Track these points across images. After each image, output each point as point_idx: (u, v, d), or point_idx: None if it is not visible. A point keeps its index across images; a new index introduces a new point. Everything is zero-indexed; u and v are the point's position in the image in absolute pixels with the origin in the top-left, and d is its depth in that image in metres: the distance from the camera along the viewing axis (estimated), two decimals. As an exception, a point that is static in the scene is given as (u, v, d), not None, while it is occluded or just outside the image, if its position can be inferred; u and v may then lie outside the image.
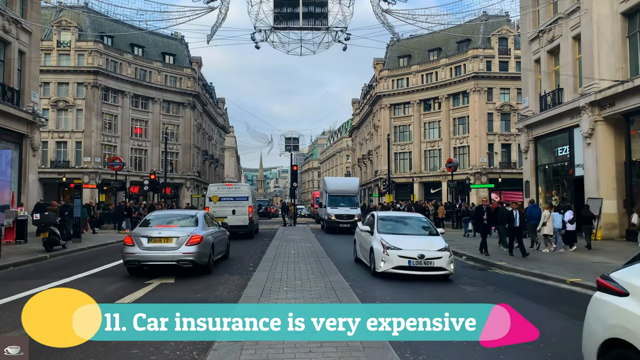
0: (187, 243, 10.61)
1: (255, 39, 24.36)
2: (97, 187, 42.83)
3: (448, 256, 10.51)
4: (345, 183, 31.84)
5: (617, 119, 18.76)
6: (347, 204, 26.82)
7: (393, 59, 57.80)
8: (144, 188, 38.38)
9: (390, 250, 10.49)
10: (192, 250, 10.59)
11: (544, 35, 23.37)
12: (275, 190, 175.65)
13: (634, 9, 18.01)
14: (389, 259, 10.41)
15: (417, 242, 10.94)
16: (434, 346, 5.62)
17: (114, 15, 36.18)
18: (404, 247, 10.51)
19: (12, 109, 20.95)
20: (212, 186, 26.00)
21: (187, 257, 10.55)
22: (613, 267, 11.44)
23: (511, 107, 46.26)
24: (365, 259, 11.92)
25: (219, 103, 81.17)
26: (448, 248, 10.78)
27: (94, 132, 46.96)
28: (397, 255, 10.35)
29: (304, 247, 16.03)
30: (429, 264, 10.29)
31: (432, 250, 10.47)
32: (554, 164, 24.43)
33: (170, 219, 12.27)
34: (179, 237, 10.65)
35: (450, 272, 10.46)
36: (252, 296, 7.65)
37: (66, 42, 47.00)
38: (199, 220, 11.78)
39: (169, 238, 10.65)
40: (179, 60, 57.51)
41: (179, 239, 10.62)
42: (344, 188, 28.89)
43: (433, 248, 10.57)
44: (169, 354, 5.37)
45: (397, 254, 10.38)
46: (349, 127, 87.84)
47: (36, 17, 23.71)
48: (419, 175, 53.07)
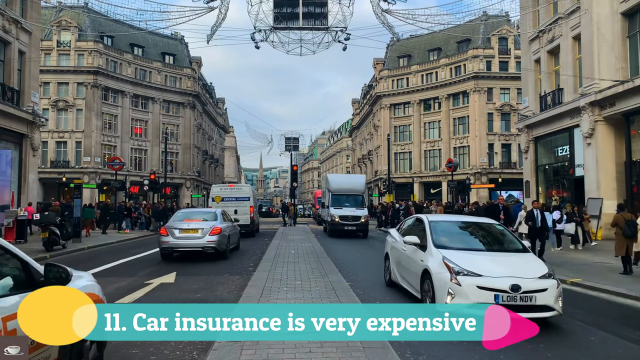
0: (210, 233, 13.36)
1: (255, 39, 24.37)
2: (97, 187, 42.79)
3: (555, 287, 6.74)
4: (350, 181, 28.82)
5: (617, 119, 18.76)
6: (352, 204, 24.21)
7: (393, 59, 57.79)
8: (144, 188, 38.41)
9: (463, 277, 6.68)
10: (214, 239, 13.35)
11: (544, 35, 23.37)
12: (275, 190, 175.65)
13: (634, 9, 18.00)
14: (462, 291, 6.57)
15: (503, 263, 7.14)
16: (434, 346, 5.63)
17: (114, 15, 36.25)
18: (485, 273, 6.70)
19: (12, 109, 20.95)
20: (215, 187, 26.40)
21: (210, 244, 13.31)
22: (613, 266, 11.43)
23: (511, 107, 46.26)
24: (412, 285, 8.12)
25: (219, 103, 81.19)
26: (553, 274, 7.00)
27: (94, 132, 46.96)
28: (476, 286, 6.55)
29: (304, 247, 16.03)
30: (527, 300, 6.50)
31: (529, 278, 6.68)
32: (554, 164, 24.44)
33: (195, 215, 15.21)
34: (204, 229, 13.45)
35: (559, 312, 6.69)
36: (252, 296, 7.65)
37: (66, 42, 47.00)
38: (218, 216, 14.69)
39: (196, 229, 13.49)
40: (179, 60, 57.51)
41: (203, 230, 13.42)
42: (349, 186, 26.04)
43: (530, 274, 6.79)
44: (168, 354, 5.37)
45: (476, 283, 6.58)
46: (349, 127, 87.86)
47: (36, 17, 23.71)
48: (419, 175, 53.07)
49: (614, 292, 9.22)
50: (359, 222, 23.05)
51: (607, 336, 6.57)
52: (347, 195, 24.94)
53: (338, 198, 24.58)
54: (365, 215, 23.80)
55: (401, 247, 8.76)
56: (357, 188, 26.20)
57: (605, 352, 5.98)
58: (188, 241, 13.23)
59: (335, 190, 25.24)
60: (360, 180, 28.57)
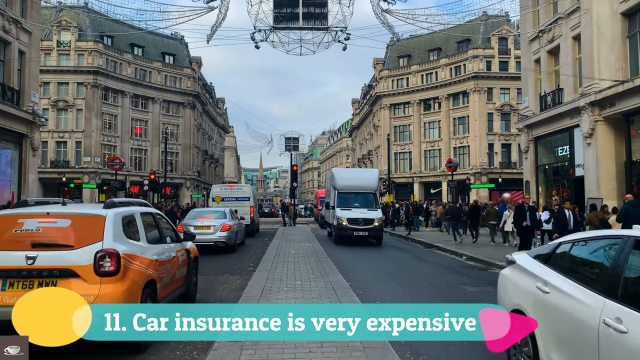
0: (220, 229, 15.39)
1: (255, 38, 24.35)
2: (97, 187, 42.79)
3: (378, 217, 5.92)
4: (360, 176, 24.11)
5: (617, 119, 18.74)
6: (362, 204, 20.20)
7: (393, 59, 57.79)
8: (143, 188, 38.41)
9: None
10: (225, 235, 15.41)
11: (544, 35, 23.36)
12: (275, 190, 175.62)
13: (634, 9, 17.99)
14: None
15: None
16: (434, 346, 5.62)
17: (114, 15, 36.15)
18: None
19: (12, 109, 20.93)
20: (215, 187, 26.46)
21: (221, 239, 15.33)
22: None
23: (511, 107, 46.25)
24: None
25: (219, 103, 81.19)
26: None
27: (94, 132, 46.95)
28: None
29: (304, 247, 16.04)
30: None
31: None
32: (554, 164, 24.42)
33: (207, 214, 17.04)
34: (215, 225, 15.50)
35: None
36: (252, 296, 7.64)
37: (66, 42, 47.00)
38: (227, 214, 16.58)
39: (208, 226, 15.45)
40: (178, 60, 57.51)
41: (215, 227, 15.43)
42: (358, 183, 21.56)
43: None
44: (168, 354, 5.37)
45: None
46: (348, 127, 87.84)
47: (36, 17, 23.70)
48: (419, 175, 53.06)
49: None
50: (372, 226, 19.25)
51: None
52: (357, 193, 20.86)
53: (346, 197, 20.57)
54: (379, 218, 19.97)
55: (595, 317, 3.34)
56: (369, 185, 21.60)
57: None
58: (201, 236, 14.17)
59: (342, 187, 20.97)
60: (373, 175, 22.96)
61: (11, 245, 5.07)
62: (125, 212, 5.87)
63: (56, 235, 5.17)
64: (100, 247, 5.05)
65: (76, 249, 5.04)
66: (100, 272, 4.95)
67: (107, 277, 4.97)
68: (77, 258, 4.97)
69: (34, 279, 4.86)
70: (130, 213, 6.02)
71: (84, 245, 5.06)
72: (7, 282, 4.88)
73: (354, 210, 19.65)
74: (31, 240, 5.07)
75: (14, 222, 5.30)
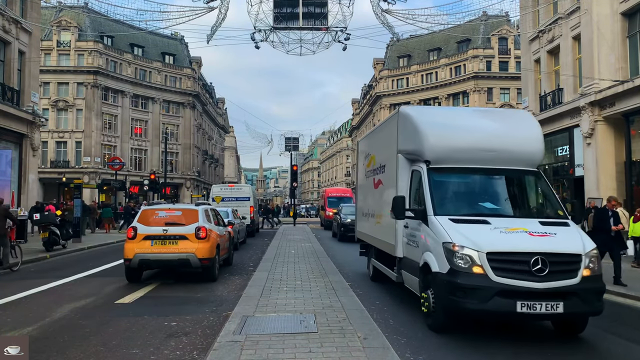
0: None
1: (255, 39, 24.32)
2: (97, 187, 42.79)
3: None
4: (498, 128, 8.24)
5: (617, 119, 18.75)
6: (512, 208, 7.83)
7: (393, 59, 57.82)
8: (143, 188, 38.45)
9: None
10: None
11: (544, 35, 23.36)
12: (275, 190, 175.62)
13: (634, 9, 17.99)
14: None
15: None
16: (434, 347, 5.63)
17: (114, 15, 36.20)
18: None
19: (12, 109, 20.93)
20: (215, 187, 26.50)
21: None
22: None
23: (511, 107, 46.26)
24: None
25: (219, 103, 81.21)
26: None
27: (94, 132, 46.96)
28: None
29: (304, 247, 16.04)
30: None
31: None
32: (554, 164, 24.42)
33: None
34: None
35: None
36: (252, 296, 7.64)
37: (66, 42, 47.00)
38: (229, 214, 17.52)
39: None
40: (178, 60, 57.52)
41: None
42: (496, 144, 7.56)
43: None
44: (169, 354, 5.37)
45: None
46: (348, 127, 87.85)
47: (36, 17, 23.69)
48: (419, 175, 52.99)
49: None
50: (573, 283, 6.73)
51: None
52: (492, 174, 7.83)
53: (469, 185, 7.82)
54: (588, 253, 6.76)
55: None
56: (522, 150, 7.90)
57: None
58: None
59: (447, 156, 7.37)
60: (527, 127, 8.13)
61: (154, 223, 9.95)
62: (205, 207, 11.14)
63: (176, 218, 10.10)
64: (197, 225, 9.87)
65: (186, 225, 9.89)
66: (198, 237, 9.75)
67: (200, 240, 9.76)
68: (186, 230, 9.79)
69: (166, 239, 9.72)
70: (207, 208, 11.28)
71: (190, 223, 9.92)
72: (154, 241, 9.71)
73: (508, 233, 6.12)
74: (165, 221, 9.96)
75: (154, 212, 10.28)
